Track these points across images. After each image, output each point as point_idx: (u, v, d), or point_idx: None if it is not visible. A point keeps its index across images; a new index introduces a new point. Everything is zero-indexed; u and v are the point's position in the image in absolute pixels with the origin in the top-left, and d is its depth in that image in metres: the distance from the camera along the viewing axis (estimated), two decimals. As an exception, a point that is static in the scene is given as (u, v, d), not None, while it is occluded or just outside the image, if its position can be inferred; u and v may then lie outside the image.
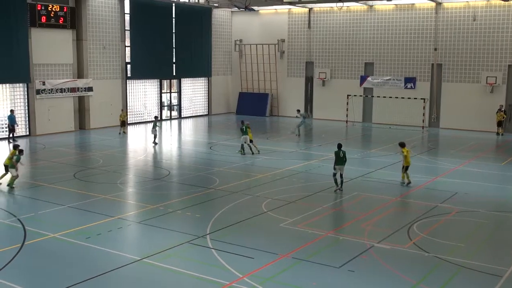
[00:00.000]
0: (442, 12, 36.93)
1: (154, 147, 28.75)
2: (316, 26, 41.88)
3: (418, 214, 16.76)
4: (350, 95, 39.25)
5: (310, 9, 41.79)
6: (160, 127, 29.56)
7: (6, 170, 19.76)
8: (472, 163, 24.91)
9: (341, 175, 19.53)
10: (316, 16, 41.83)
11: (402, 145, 20.95)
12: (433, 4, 36.95)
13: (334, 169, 19.55)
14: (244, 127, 26.59)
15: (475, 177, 22.04)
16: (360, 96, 39.75)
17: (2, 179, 19.84)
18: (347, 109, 39.28)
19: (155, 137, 29.52)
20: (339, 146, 19.85)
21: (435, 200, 18.42)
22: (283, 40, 43.34)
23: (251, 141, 26.58)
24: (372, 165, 24.38)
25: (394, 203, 18.25)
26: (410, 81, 38.29)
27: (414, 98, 37.55)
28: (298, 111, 35.70)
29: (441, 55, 37.16)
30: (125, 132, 32.73)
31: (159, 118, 39.41)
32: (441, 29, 37.03)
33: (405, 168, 20.54)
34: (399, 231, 15.16)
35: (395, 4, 38.30)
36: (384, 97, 38.51)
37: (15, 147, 20.20)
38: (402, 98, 37.95)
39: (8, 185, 19.44)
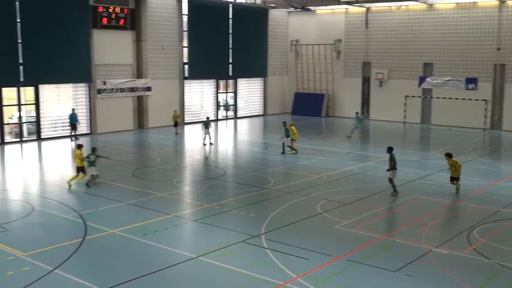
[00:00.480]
0: (505, 11, 35.69)
1: (205, 147, 28.78)
2: (373, 26, 41.31)
3: (478, 219, 16.24)
4: (408, 96, 38.51)
5: (368, 9, 41.26)
6: (210, 128, 29.41)
7: (80, 171, 20.16)
8: (536, 167, 23.97)
9: (391, 181, 19.07)
10: (373, 16, 41.26)
11: (449, 155, 19.71)
12: (497, 2, 35.78)
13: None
14: (286, 128, 26.62)
15: (540, 182, 21.20)
16: (418, 97, 38.94)
17: (81, 179, 20.27)
18: (404, 110, 38.56)
19: (205, 138, 29.37)
20: (390, 149, 19.30)
21: (496, 205, 17.81)
22: (339, 40, 42.96)
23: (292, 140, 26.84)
24: (431, 168, 23.83)
25: (453, 207, 17.77)
26: (471, 81, 37.20)
27: (476, 99, 36.48)
28: (357, 113, 35.05)
29: (504, 55, 35.92)
30: (177, 133, 32.82)
31: (210, 119, 39.84)
32: (504, 28, 35.80)
33: (453, 179, 19.42)
34: (458, 236, 14.75)
35: (456, 3, 37.31)
36: (444, 98, 37.60)
37: (79, 147, 20.81)
38: (462, 99, 36.94)
39: (86, 184, 19.97)
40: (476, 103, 36.46)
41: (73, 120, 30.94)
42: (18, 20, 29.07)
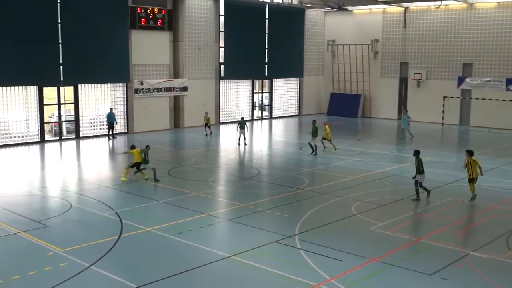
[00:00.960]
0: (549, 10, 34.78)
1: (239, 147, 28.82)
2: (411, 26, 40.74)
3: (518, 223, 15.87)
4: (446, 97, 37.86)
5: (406, 8, 40.72)
6: (245, 128, 29.35)
7: (137, 167, 20.89)
8: None
9: (421, 185, 18.54)
10: (412, 15, 40.70)
11: (469, 153, 18.33)
12: (540, 1, 34.90)
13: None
14: (315, 127, 26.57)
15: None
16: (457, 98, 38.24)
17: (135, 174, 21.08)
18: (443, 111, 37.91)
19: (240, 138, 29.36)
20: (417, 153, 18.70)
21: (537, 209, 17.36)
22: (377, 40, 42.53)
23: (327, 139, 26.94)
24: (469, 170, 23.30)
25: (492, 210, 17.36)
26: (512, 82, 36.36)
27: (517, 101, 35.62)
28: (406, 110, 34.47)
29: (548, 55, 34.99)
30: (206, 134, 32.51)
31: (246, 119, 39.95)
32: (548, 28, 34.86)
33: (470, 180, 18.23)
34: (497, 240, 14.41)
35: (497, 2, 36.50)
36: (484, 99, 36.82)
37: (132, 147, 21.42)
38: (503, 100, 36.11)
39: (155, 179, 20.60)
40: (517, 104, 35.60)
41: (111, 119, 31.44)
42: (59, 21, 29.70)
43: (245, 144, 29.19)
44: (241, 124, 29.32)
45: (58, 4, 29.55)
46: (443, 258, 13.06)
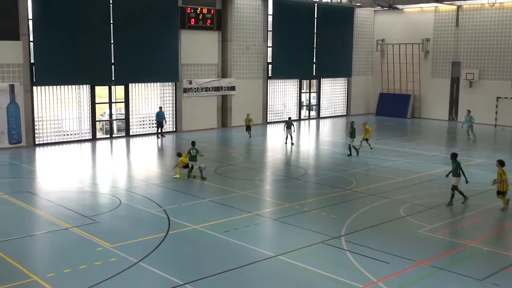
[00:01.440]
0: None
1: (286, 146, 28.74)
2: (464, 24, 39.75)
3: None
4: (500, 97, 36.74)
5: (459, 7, 39.77)
6: (292, 127, 29.26)
7: (186, 167, 21.32)
8: None
9: (457, 189, 17.81)
10: (464, 14, 39.71)
11: (501, 163, 17.13)
12: None
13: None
14: (353, 128, 26.35)
15: None
16: (511, 98, 37.07)
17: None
18: (496, 112, 36.82)
19: (288, 137, 29.18)
20: (454, 156, 18.12)
21: None
22: (428, 40, 41.69)
23: (366, 140, 26.66)
24: (523, 173, 22.58)
25: (547, 215, 16.77)
26: None
27: None
28: (469, 111, 33.72)
29: None
30: (250, 136, 31.81)
31: (293, 119, 39.86)
32: None
33: (499, 193, 17.07)
34: (552, 246, 13.93)
35: (556, -1, 35.25)
36: (539, 100, 35.59)
37: (179, 155, 21.64)
38: (560, 101, 34.81)
39: (202, 177, 20.91)
40: None
41: (160, 118, 31.92)
42: (111, 22, 30.36)
43: (292, 144, 29.09)
44: (288, 124, 29.26)
45: (111, 4, 30.21)
46: (494, 263, 12.71)
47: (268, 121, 38.67)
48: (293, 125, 29.47)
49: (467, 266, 12.57)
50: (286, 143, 29.16)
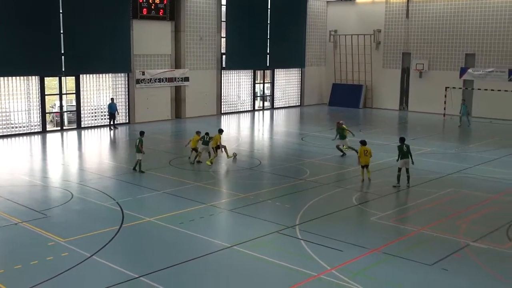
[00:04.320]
0: (552, 0, 34.60)
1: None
2: (414, 16, 40.56)
3: (519, 214, 15.88)
4: (448, 87, 37.75)
5: (409, -2, 40.56)
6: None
7: (196, 150, 22.26)
8: None
9: (407, 170, 18.87)
10: (415, 5, 40.51)
11: (363, 143, 19.49)
12: (543, -9, 34.69)
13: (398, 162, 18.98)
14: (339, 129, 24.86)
15: None
16: (459, 88, 38.12)
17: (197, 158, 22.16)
18: (445, 102, 37.82)
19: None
20: (402, 139, 19.23)
21: (538, 200, 17.37)
22: (379, 31, 42.36)
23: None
24: (470, 161, 23.35)
25: (493, 201, 17.36)
26: (515, 73, 36.23)
27: (519, 91, 35.51)
28: (463, 100, 34.47)
29: (551, 46, 34.84)
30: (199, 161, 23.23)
31: (247, 109, 39.83)
32: (551, 18, 34.69)
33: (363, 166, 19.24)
34: (497, 231, 14.44)
35: (501, -8, 36.34)
36: (486, 89, 36.71)
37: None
38: (505, 91, 35.98)
39: (137, 170, 20.63)
40: (519, 95, 35.51)
41: (112, 110, 31.41)
42: (61, 11, 29.59)
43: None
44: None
45: (60, -7, 29.48)
46: (443, 248, 13.09)
47: (222, 112, 38.59)
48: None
49: (418, 252, 12.92)
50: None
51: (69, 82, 31.91)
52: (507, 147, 26.30)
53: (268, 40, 40.76)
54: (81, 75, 31.31)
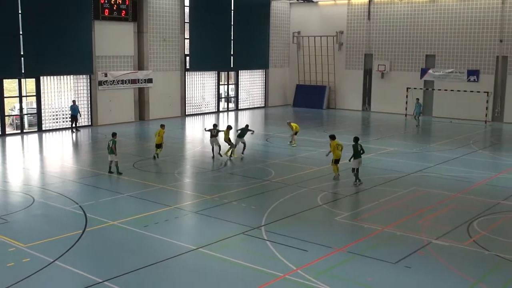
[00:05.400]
0: (508, 2, 35.54)
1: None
2: (376, 18, 41.17)
3: (478, 211, 16.26)
4: (409, 88, 38.42)
5: (370, 0, 41.10)
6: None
7: (161, 146, 23.11)
8: (538, 160, 23.93)
9: (357, 170, 19.19)
10: (376, 7, 41.11)
11: (333, 138, 20.38)
12: (499, -6, 35.65)
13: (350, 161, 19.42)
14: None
15: (541, 174, 21.17)
16: (420, 89, 38.84)
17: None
18: (406, 102, 38.47)
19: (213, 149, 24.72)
20: (356, 139, 19.60)
21: (497, 197, 17.83)
22: (341, 32, 42.83)
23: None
24: (432, 160, 23.80)
25: (454, 199, 17.74)
26: (473, 73, 37.11)
27: (477, 92, 36.39)
28: (417, 99, 35.03)
29: (507, 47, 35.81)
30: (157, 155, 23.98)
31: (211, 111, 39.77)
32: (507, 20, 35.64)
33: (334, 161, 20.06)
34: (458, 228, 14.76)
35: (459, -5, 37.19)
36: (446, 90, 37.50)
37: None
38: (464, 91, 36.84)
39: (115, 172, 20.41)
40: (477, 95, 36.38)
41: (74, 112, 30.92)
42: (20, 12, 28.98)
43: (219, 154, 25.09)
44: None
45: (18, -6, 28.86)
46: (407, 246, 13.30)
47: (186, 113, 38.40)
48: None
49: (382, 250, 13.10)
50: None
51: (29, 84, 31.26)
52: (466, 146, 26.91)
53: (232, 41, 40.75)
54: (41, 77, 30.71)
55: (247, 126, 24.92)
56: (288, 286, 11.17)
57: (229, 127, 24.44)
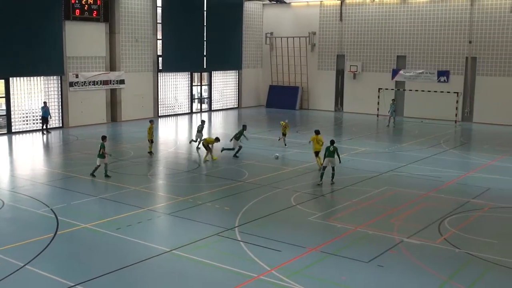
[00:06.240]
0: (477, 4, 36.19)
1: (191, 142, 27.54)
2: (348, 19, 41.50)
3: (449, 210, 16.52)
4: (381, 89, 38.83)
5: (342, 2, 41.42)
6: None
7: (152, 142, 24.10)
8: (506, 158, 24.40)
9: (332, 168, 19.49)
10: (348, 9, 41.44)
11: (316, 132, 22.18)
12: (468, -4, 36.28)
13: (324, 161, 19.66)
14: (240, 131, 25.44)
15: (509, 173, 21.60)
16: (391, 89, 39.27)
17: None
18: (378, 103, 38.88)
19: (196, 141, 26.67)
20: (332, 142, 19.85)
21: (467, 196, 18.14)
22: (314, 33, 43.07)
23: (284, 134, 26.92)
24: (403, 160, 24.09)
25: (425, 198, 18.00)
26: (443, 74, 37.69)
27: (447, 92, 36.95)
28: (393, 100, 35.37)
29: (476, 48, 36.45)
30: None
31: (184, 112, 39.64)
32: (476, 21, 36.30)
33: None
34: (429, 227, 14.97)
35: (429, -4, 37.74)
36: (417, 90, 38.00)
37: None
38: (434, 91, 37.38)
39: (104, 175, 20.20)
40: (448, 95, 36.95)
41: (45, 114, 30.50)
42: (-13, 12, 28.53)
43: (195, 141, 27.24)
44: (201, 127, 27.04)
45: (-14, -6, 28.37)
46: (379, 245, 13.44)
47: (159, 114, 38.18)
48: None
49: (354, 249, 13.22)
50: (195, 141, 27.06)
51: (-2, 85, 30.74)
52: (437, 146, 27.32)
53: (205, 42, 40.65)
54: (11, 78, 30.20)
55: (244, 126, 25.16)
56: (262, 286, 11.19)
57: (217, 139, 23.86)
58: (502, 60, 35.62)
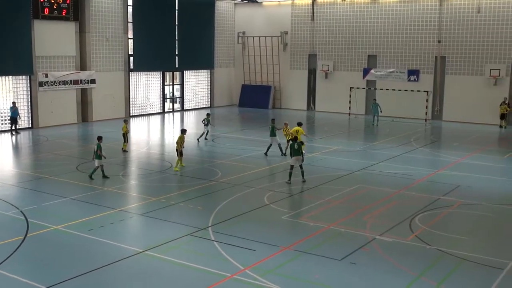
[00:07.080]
0: (446, 4, 36.76)
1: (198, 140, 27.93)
2: (319, 18, 41.74)
3: (420, 207, 16.75)
4: (353, 88, 39.16)
5: (314, 1, 41.63)
6: (207, 124, 28.20)
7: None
8: (475, 156, 24.86)
9: (300, 166, 19.61)
10: (319, 8, 41.68)
11: (299, 124, 23.61)
12: (437, -4, 36.82)
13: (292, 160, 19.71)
14: (273, 126, 24.94)
15: (478, 170, 21.99)
16: (363, 88, 39.65)
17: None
18: (349, 102, 39.19)
19: (206, 133, 28.08)
20: (295, 138, 20.12)
21: (437, 193, 18.41)
22: (286, 32, 43.21)
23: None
24: (375, 158, 24.34)
25: (396, 196, 18.22)
26: (413, 73, 38.18)
27: (417, 91, 37.45)
28: (374, 100, 35.60)
29: (445, 48, 37.02)
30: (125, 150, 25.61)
31: (156, 111, 39.39)
32: (445, 21, 36.86)
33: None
34: (401, 224, 15.16)
35: (399, -4, 38.19)
36: (387, 89, 38.41)
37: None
38: (405, 90, 37.84)
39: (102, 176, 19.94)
40: (418, 94, 37.45)
41: (14, 114, 29.98)
42: (-47, 10, 27.92)
43: (206, 139, 28.26)
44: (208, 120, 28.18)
45: (-48, -9, 27.75)
46: (352, 243, 13.57)
47: (131, 114, 37.86)
48: (210, 123, 28.35)
49: (327, 247, 13.31)
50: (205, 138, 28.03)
51: (-35, 85, 30.12)
52: (407, 144, 27.66)
53: (177, 41, 40.46)
54: (-22, 78, 29.65)
55: (273, 120, 25.68)
56: (236, 286, 11.20)
57: (183, 131, 22.29)
58: (470, 60, 36.25)
